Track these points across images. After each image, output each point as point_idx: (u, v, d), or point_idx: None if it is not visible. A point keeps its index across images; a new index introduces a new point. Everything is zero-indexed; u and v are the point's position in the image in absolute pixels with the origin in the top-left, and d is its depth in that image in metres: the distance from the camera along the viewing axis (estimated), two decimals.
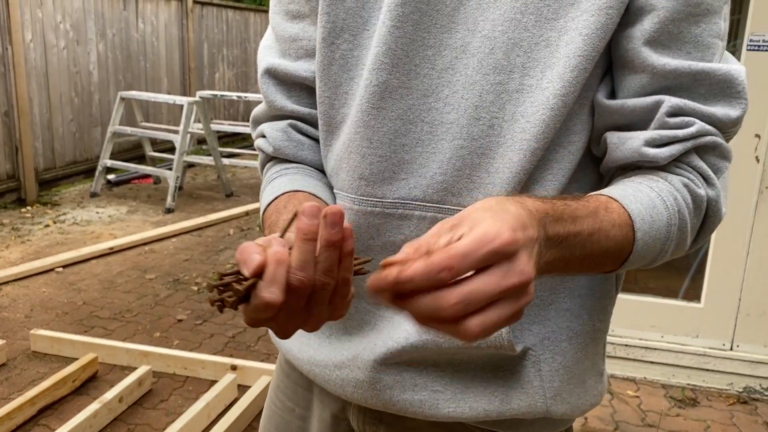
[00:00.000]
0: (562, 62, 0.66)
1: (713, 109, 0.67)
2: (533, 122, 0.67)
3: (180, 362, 2.76)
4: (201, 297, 3.59)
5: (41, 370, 2.74)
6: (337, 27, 0.73)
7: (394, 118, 0.71)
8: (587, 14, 0.65)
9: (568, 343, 0.74)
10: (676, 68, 0.66)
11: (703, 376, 2.74)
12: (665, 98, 0.67)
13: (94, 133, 6.27)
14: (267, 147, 0.83)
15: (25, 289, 3.59)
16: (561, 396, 0.75)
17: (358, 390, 0.76)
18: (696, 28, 0.66)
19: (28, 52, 5.40)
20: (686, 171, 0.69)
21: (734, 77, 0.67)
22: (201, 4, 8.01)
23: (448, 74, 0.69)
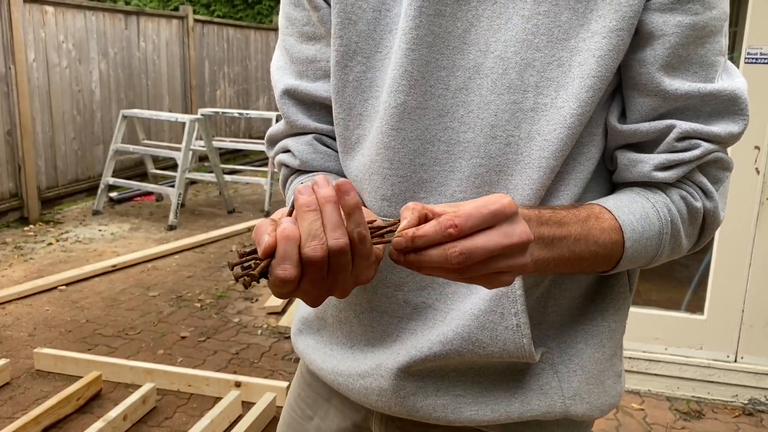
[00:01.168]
0: (576, 82, 0.68)
1: (717, 128, 0.71)
2: (551, 140, 0.69)
3: (184, 379, 2.76)
4: (204, 314, 3.59)
5: (45, 389, 2.74)
6: (350, 50, 0.75)
7: (413, 139, 0.73)
8: (599, 36, 0.67)
9: (584, 344, 0.77)
10: (687, 92, 0.70)
11: (708, 388, 2.73)
12: (676, 123, 0.71)
13: (96, 151, 6.30)
14: (293, 161, 0.84)
15: (28, 307, 3.59)
16: (579, 396, 0.76)
17: (382, 398, 0.78)
18: (701, 49, 0.70)
19: (31, 72, 5.44)
20: (686, 185, 0.74)
21: (738, 96, 0.71)
22: (202, 22, 8.08)
23: (462, 94, 0.71)
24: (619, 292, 0.80)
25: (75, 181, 6.06)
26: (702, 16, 0.68)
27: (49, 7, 5.66)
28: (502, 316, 0.72)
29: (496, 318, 0.72)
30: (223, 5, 11.09)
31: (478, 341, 0.72)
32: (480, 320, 0.72)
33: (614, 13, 0.67)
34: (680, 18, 0.67)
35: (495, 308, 0.72)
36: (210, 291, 3.93)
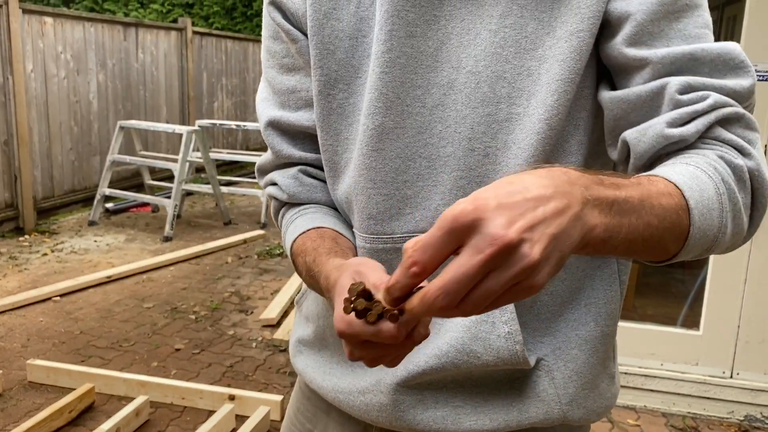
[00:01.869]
0: (543, 89, 0.69)
1: (724, 81, 0.66)
2: (523, 147, 0.70)
3: (178, 392, 2.74)
4: (199, 326, 3.57)
5: (37, 401, 2.72)
6: (331, 78, 0.78)
7: (394, 158, 0.74)
8: (561, 41, 0.69)
9: (578, 350, 0.77)
10: (668, 53, 0.67)
11: (704, 404, 2.72)
12: (669, 79, 0.66)
13: (93, 161, 6.30)
14: (281, 195, 0.86)
15: (22, 318, 3.57)
16: (576, 401, 0.77)
17: (383, 413, 0.79)
18: (678, 23, 0.68)
19: (29, 82, 5.45)
20: (717, 145, 0.66)
21: (731, 50, 0.67)
22: (200, 34, 8.11)
23: (439, 111, 0.73)
24: (610, 297, 0.80)
25: (71, 192, 6.05)
26: None
27: (48, 18, 5.68)
28: (493, 325, 0.73)
29: (487, 327, 0.73)
30: (222, 17, 11.15)
31: (473, 352, 0.73)
32: (472, 331, 0.73)
33: (575, 16, 0.68)
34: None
35: (486, 318, 0.73)
36: (205, 303, 3.91)
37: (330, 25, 0.77)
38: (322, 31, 0.77)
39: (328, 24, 0.77)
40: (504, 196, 0.47)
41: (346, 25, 0.77)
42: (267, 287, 4.23)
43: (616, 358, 0.85)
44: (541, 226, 0.46)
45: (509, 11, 0.70)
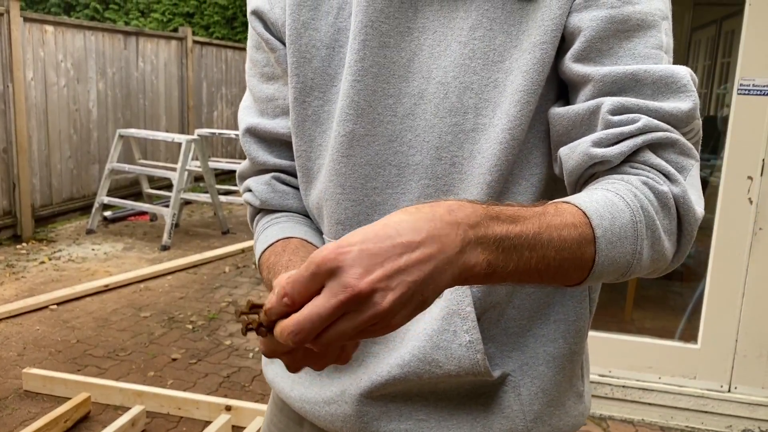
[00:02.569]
0: (507, 99, 0.71)
1: (661, 104, 0.66)
2: (487, 157, 0.71)
3: (174, 402, 2.73)
4: (196, 336, 3.56)
5: (33, 410, 2.70)
6: (306, 86, 0.79)
7: (364, 164, 0.76)
8: (526, 53, 0.70)
9: (545, 367, 0.78)
10: (611, 71, 0.67)
11: (702, 418, 2.71)
12: (605, 99, 0.67)
13: (91, 170, 6.30)
14: (254, 200, 0.88)
15: (18, 326, 3.56)
16: (541, 419, 0.78)
17: (347, 424, 0.79)
18: (628, 42, 0.68)
19: (28, 90, 5.46)
20: (644, 170, 0.66)
21: (675, 73, 0.67)
22: (201, 43, 8.13)
23: (409, 120, 0.75)
24: (580, 314, 0.80)
25: (69, 200, 6.04)
26: (620, 10, 0.68)
27: (49, 26, 5.70)
28: (455, 334, 0.73)
29: (449, 336, 0.73)
30: (222, 27, 11.18)
31: (435, 361, 0.73)
32: (434, 340, 0.74)
33: (538, 28, 0.70)
34: (595, 12, 0.68)
35: (447, 327, 0.73)
36: (202, 313, 3.90)
37: (308, 35, 0.79)
38: (300, 39, 0.79)
39: (306, 33, 0.79)
40: (371, 241, 0.49)
41: (324, 35, 0.79)
42: (264, 297, 4.22)
43: (584, 376, 0.85)
44: (400, 275, 0.49)
45: (479, 24, 0.72)
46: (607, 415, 2.79)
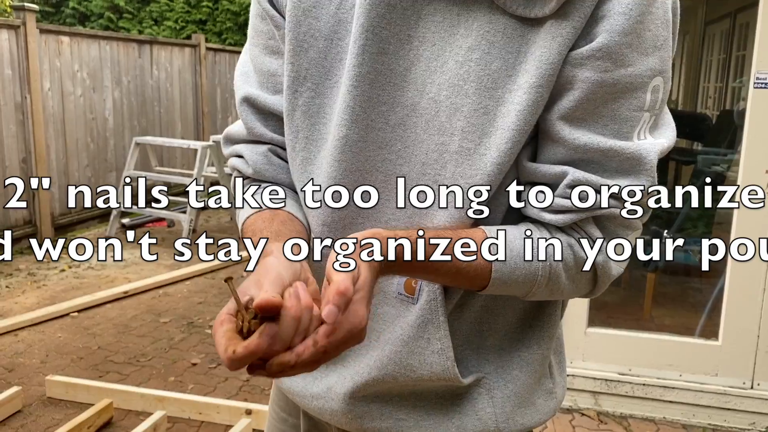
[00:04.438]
0: (498, 133, 0.71)
1: (620, 182, 0.72)
2: (471, 184, 0.73)
3: (195, 407, 2.75)
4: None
5: (56, 417, 2.74)
6: (300, 76, 0.79)
7: (354, 170, 0.77)
8: (521, 90, 0.70)
9: (519, 371, 0.82)
10: (586, 144, 0.71)
11: (724, 415, 2.69)
12: (569, 171, 0.72)
13: (109, 177, 6.36)
14: (246, 169, 0.88)
15: (40, 334, 3.60)
16: (513, 419, 0.82)
17: (334, 418, 0.84)
18: (614, 103, 0.71)
19: (46, 100, 5.53)
20: (578, 233, 0.75)
21: (642, 156, 0.72)
22: (214, 50, 8.19)
23: (400, 130, 0.75)
24: (554, 321, 0.85)
25: (88, 208, 6.11)
26: (612, 74, 0.69)
27: (64, 37, 5.77)
28: (428, 341, 0.77)
29: (423, 343, 0.78)
30: (235, 33, 11.25)
31: (409, 365, 0.78)
32: (410, 346, 0.78)
33: (536, 70, 0.70)
34: (588, 74, 0.69)
35: (422, 334, 0.77)
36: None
37: (307, 23, 0.78)
38: (299, 27, 0.78)
39: (306, 21, 0.78)
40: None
41: (324, 24, 0.78)
42: None
43: (555, 373, 0.89)
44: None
45: (478, 45, 0.71)
46: (627, 414, 2.77)
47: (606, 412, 2.78)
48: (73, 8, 11.60)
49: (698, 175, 4.24)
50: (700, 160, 4.30)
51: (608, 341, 2.79)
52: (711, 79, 6.57)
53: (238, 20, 11.26)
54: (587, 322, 2.78)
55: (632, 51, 0.69)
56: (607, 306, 3.48)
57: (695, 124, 5.11)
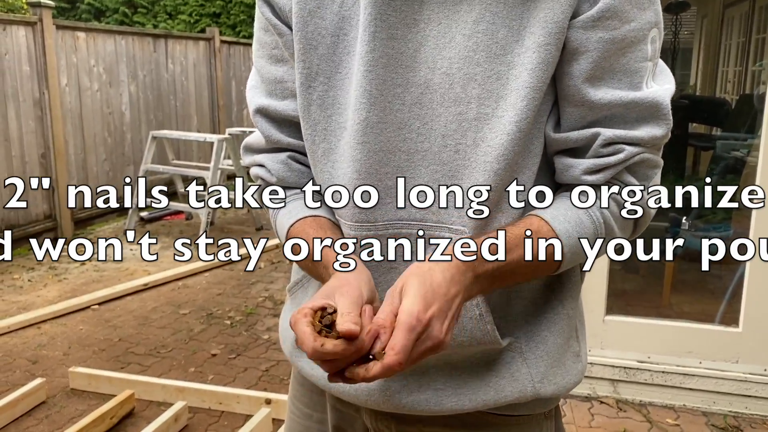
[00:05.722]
0: (513, 94, 0.76)
1: (640, 132, 0.79)
2: (493, 146, 0.77)
3: (215, 397, 2.79)
4: (234, 331, 3.62)
5: (80, 408, 2.78)
6: (312, 72, 0.84)
7: (377, 150, 0.80)
8: (530, 51, 0.75)
9: (548, 332, 0.85)
10: (611, 101, 0.78)
11: (746, 402, 2.67)
12: (601, 131, 0.79)
13: (127, 171, 6.42)
14: (269, 177, 0.92)
15: (63, 326, 3.66)
16: (547, 378, 0.85)
17: (371, 398, 0.86)
18: (623, 58, 0.77)
19: (63, 96, 5.58)
20: (616, 185, 0.82)
21: (659, 102, 0.79)
22: (228, 43, 8.21)
23: (416, 108, 0.79)
24: (574, 282, 0.89)
25: (107, 202, 6.17)
26: (620, 30, 0.76)
27: (80, 32, 5.81)
28: (465, 308, 0.80)
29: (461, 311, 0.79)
30: (249, 26, 11.27)
31: None
32: None
33: (542, 29, 0.75)
34: (601, 34, 0.75)
35: None
36: (240, 308, 3.96)
37: (314, 23, 0.83)
38: (306, 27, 0.83)
39: (312, 21, 0.83)
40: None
41: (329, 23, 0.83)
42: None
43: (579, 338, 0.93)
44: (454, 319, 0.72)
45: (482, 17, 0.76)
46: (647, 401, 2.76)
47: (625, 400, 2.77)
48: (89, 4, 11.68)
49: (717, 161, 4.19)
50: (719, 145, 4.25)
51: (627, 329, 2.78)
52: (730, 63, 6.47)
53: (251, 13, 11.27)
54: (605, 310, 2.77)
55: (633, 7, 0.75)
56: (626, 294, 3.46)
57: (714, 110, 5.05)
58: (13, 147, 5.08)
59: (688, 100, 5.28)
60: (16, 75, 5.09)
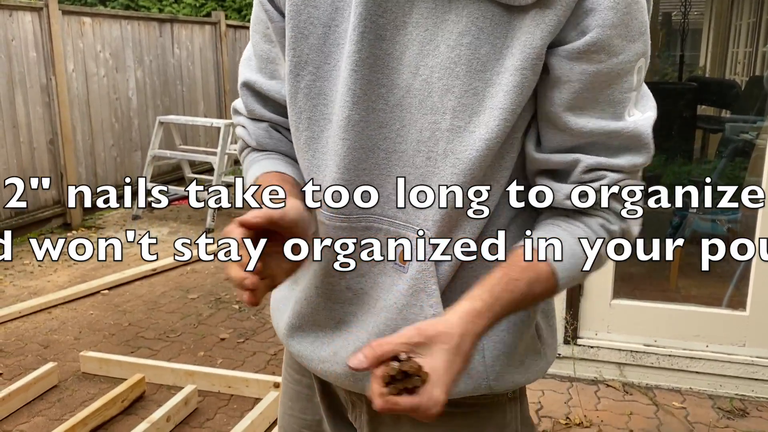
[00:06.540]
0: (487, 112, 0.77)
1: (621, 161, 0.81)
2: (462, 159, 0.78)
3: (224, 381, 2.82)
4: (242, 315, 3.65)
5: (91, 391, 2.82)
6: (302, 61, 0.85)
7: (357, 147, 0.83)
8: (508, 72, 0.76)
9: (506, 333, 0.88)
10: (592, 130, 0.79)
11: (752, 385, 2.68)
12: (582, 158, 0.81)
13: (134, 157, 6.44)
14: (249, 140, 0.97)
15: (73, 311, 3.69)
16: (502, 377, 0.88)
17: (339, 380, 0.92)
18: (608, 89, 0.78)
19: (70, 82, 5.59)
20: (602, 212, 0.84)
21: (640, 132, 0.80)
22: (234, 27, 8.18)
23: (398, 110, 0.81)
24: None
25: (114, 187, 6.20)
26: (606, 64, 0.75)
27: (86, 18, 5.81)
28: (421, 308, 0.83)
29: (416, 310, 0.84)
30: None
31: None
32: (403, 313, 0.84)
33: (521, 53, 0.75)
34: (585, 66, 0.75)
35: (415, 302, 0.83)
36: None
37: (307, 11, 0.84)
38: (299, 16, 0.84)
39: (306, 10, 0.84)
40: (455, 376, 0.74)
41: (322, 12, 0.84)
42: None
43: (544, 336, 0.95)
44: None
45: (468, 31, 0.76)
46: (653, 385, 2.77)
47: (631, 383, 2.79)
48: None
49: (726, 143, 4.17)
50: (728, 128, 4.22)
51: (633, 312, 2.79)
52: (740, 44, 6.41)
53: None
54: (612, 294, 2.78)
55: (622, 40, 0.75)
56: (633, 277, 3.46)
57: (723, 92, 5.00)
58: (21, 133, 5.10)
59: (696, 82, 5.24)
60: (23, 61, 5.10)
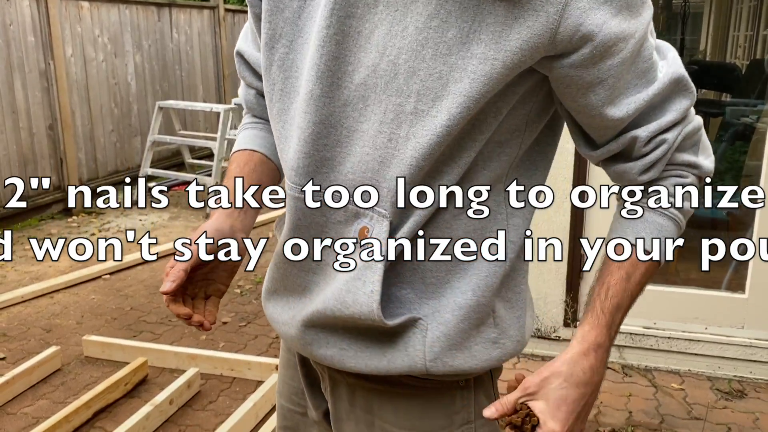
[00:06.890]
0: (450, 97, 0.76)
1: (671, 116, 0.83)
2: (422, 143, 0.78)
3: (227, 364, 2.84)
4: (244, 299, 3.66)
5: (94, 375, 2.84)
6: (276, 34, 0.87)
7: (318, 122, 0.83)
8: (476, 60, 0.75)
9: (451, 315, 0.87)
10: (637, 107, 0.81)
11: (750, 367, 2.70)
12: (637, 134, 0.83)
13: (134, 142, 6.43)
14: (241, 102, 1.06)
15: (75, 296, 3.71)
16: (440, 360, 0.87)
17: (293, 343, 0.96)
18: (634, 66, 0.79)
19: (69, 67, 5.57)
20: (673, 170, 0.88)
21: (676, 78, 0.82)
22: (233, 11, 8.14)
23: (362, 89, 0.81)
24: (493, 272, 0.89)
25: (114, 173, 6.19)
26: (627, 48, 0.76)
27: (84, 2, 5.77)
28: (363, 283, 0.84)
29: (359, 284, 0.84)
30: None
31: (344, 302, 0.85)
32: (349, 285, 0.85)
33: (494, 44, 0.74)
34: (610, 62, 0.76)
35: (360, 276, 0.84)
36: (249, 277, 4.00)
37: None
38: None
39: None
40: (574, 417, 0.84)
41: None
42: None
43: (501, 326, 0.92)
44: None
45: (437, 13, 0.75)
46: (652, 367, 2.79)
47: (630, 365, 2.81)
48: None
49: (726, 127, 4.17)
50: (729, 111, 4.22)
51: None
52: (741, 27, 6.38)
53: None
54: None
55: (629, 21, 0.75)
56: None
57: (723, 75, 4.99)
58: (21, 119, 5.09)
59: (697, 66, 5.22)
60: (21, 45, 5.08)
